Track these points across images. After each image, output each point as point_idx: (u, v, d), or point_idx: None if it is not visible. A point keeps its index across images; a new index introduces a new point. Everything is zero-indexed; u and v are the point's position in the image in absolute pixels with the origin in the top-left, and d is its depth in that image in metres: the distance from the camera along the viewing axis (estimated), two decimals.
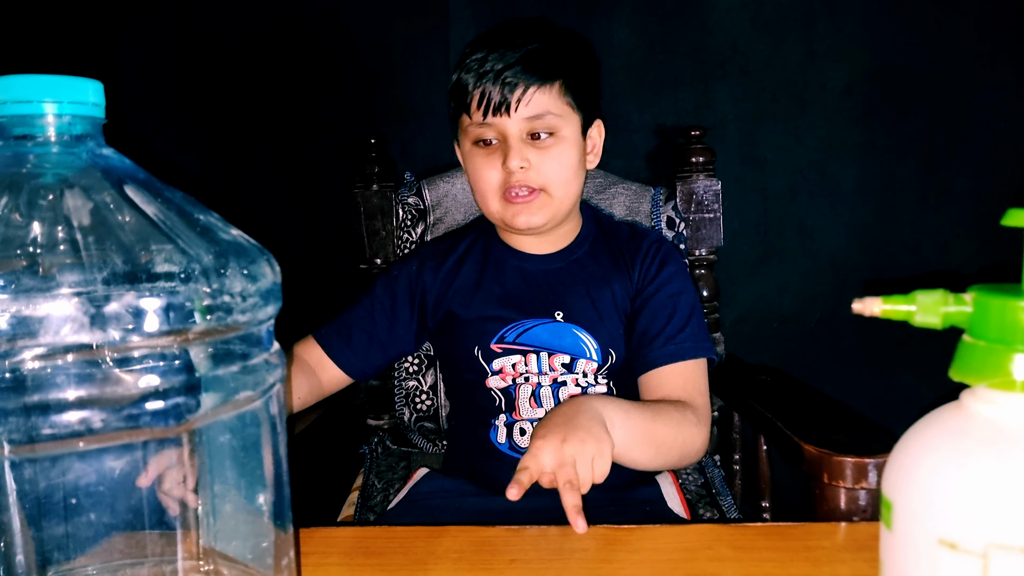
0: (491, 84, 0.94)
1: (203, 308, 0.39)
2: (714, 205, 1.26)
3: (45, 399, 0.35)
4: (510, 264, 1.05)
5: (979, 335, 0.37)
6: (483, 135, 0.97)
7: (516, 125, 0.95)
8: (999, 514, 0.34)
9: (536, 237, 1.04)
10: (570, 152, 0.98)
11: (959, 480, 0.35)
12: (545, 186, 0.96)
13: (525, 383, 0.99)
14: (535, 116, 0.95)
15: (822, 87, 1.51)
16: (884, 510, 0.39)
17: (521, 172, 0.95)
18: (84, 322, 0.35)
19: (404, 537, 0.68)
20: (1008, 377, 0.36)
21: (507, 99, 0.93)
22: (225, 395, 0.41)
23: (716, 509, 1.04)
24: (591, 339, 1.00)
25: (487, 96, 0.94)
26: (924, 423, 0.40)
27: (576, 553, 0.65)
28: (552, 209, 0.98)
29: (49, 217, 0.37)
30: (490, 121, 0.95)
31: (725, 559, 0.62)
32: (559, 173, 0.97)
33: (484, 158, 0.98)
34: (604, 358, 1.00)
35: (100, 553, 0.41)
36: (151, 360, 0.38)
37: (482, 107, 0.95)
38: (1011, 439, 0.36)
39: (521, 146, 0.95)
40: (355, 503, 1.11)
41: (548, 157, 0.96)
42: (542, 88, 0.94)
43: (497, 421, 1.00)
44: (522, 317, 1.01)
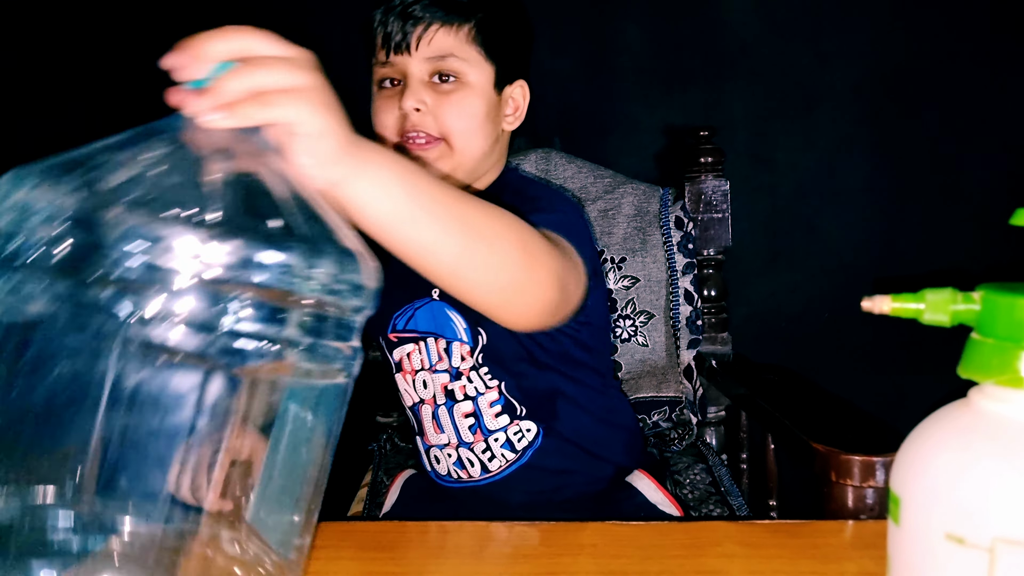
0: (395, 19, 0.88)
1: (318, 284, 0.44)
2: (723, 205, 1.27)
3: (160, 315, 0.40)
4: None
5: (987, 333, 0.38)
6: (385, 75, 0.91)
7: (417, 65, 0.89)
8: (1006, 509, 0.35)
9: None
10: (475, 101, 0.90)
11: (966, 476, 0.36)
12: (445, 134, 0.89)
13: (424, 404, 0.95)
14: (438, 56, 0.88)
15: (831, 87, 1.51)
16: (892, 506, 0.40)
17: (417, 115, 0.88)
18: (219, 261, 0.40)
19: (417, 531, 0.68)
20: (1016, 374, 0.36)
21: (408, 35, 0.88)
22: (312, 360, 0.45)
23: (726, 507, 1.05)
24: (459, 317, 0.92)
25: (390, 32, 0.89)
26: (933, 420, 0.40)
27: (586, 548, 0.66)
28: (451, 162, 0.90)
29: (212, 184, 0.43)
30: (392, 60, 0.89)
31: (733, 556, 0.62)
32: (459, 121, 0.89)
33: (384, 100, 0.91)
34: (474, 338, 0.92)
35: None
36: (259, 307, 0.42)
37: (385, 45, 0.89)
38: (1018, 435, 0.36)
39: (419, 87, 0.88)
40: (364, 499, 1.12)
41: (448, 102, 0.89)
42: (448, 28, 0.88)
43: (419, 444, 0.98)
44: (407, 299, 0.94)
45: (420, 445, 0.98)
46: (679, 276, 1.22)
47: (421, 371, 0.94)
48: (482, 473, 0.94)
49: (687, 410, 1.22)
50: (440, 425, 0.94)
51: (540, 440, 0.94)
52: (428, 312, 0.93)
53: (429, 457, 0.97)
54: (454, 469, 0.95)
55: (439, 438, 0.95)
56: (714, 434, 1.28)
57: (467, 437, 0.93)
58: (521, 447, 0.93)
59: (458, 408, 0.93)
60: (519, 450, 0.93)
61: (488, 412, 0.93)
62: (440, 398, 0.93)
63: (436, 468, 0.97)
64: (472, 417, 0.93)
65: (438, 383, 0.93)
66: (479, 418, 0.93)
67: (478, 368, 0.92)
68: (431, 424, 0.95)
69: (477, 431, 0.93)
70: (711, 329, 1.29)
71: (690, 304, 1.22)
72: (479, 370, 0.92)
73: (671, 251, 1.22)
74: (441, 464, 0.96)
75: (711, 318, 1.29)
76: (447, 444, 0.94)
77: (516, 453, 0.93)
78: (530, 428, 0.93)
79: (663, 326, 1.22)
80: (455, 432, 0.93)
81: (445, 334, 0.93)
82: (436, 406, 0.94)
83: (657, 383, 1.19)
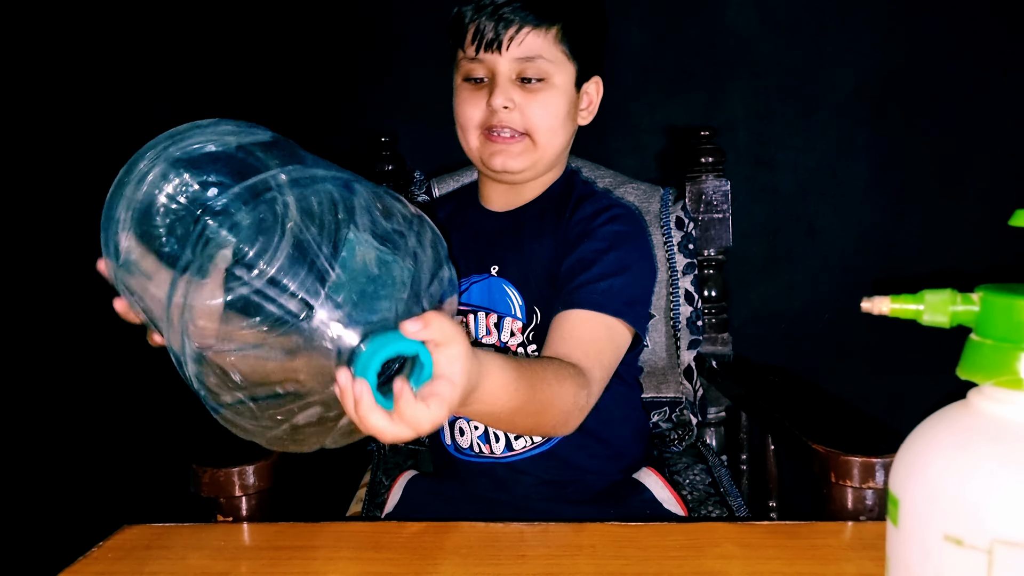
0: (486, 19, 0.91)
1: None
2: (723, 205, 1.26)
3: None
4: (472, 219, 1.04)
5: (986, 334, 0.38)
6: (473, 71, 0.94)
7: (506, 64, 0.92)
8: (1005, 511, 0.35)
9: (506, 190, 1.01)
10: (558, 101, 0.95)
11: (965, 477, 0.36)
12: (529, 130, 0.93)
13: None
14: (526, 58, 0.92)
15: (832, 88, 1.50)
16: (891, 506, 0.39)
17: (505, 112, 0.92)
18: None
19: (414, 532, 0.68)
20: (1015, 375, 0.36)
21: (500, 36, 0.91)
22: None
23: (725, 508, 1.04)
24: (517, 295, 0.96)
25: (481, 31, 0.91)
26: (931, 421, 0.40)
27: (584, 549, 0.66)
28: (533, 156, 0.95)
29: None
30: (481, 57, 0.92)
31: (732, 556, 0.62)
32: (544, 119, 0.94)
33: (470, 93, 0.95)
34: (528, 316, 0.96)
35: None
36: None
37: (475, 42, 0.92)
38: (1017, 437, 0.36)
39: (508, 85, 0.92)
40: (363, 500, 1.12)
41: (534, 101, 0.93)
42: (538, 30, 0.91)
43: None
44: (463, 274, 0.99)
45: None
46: (679, 276, 1.22)
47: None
48: (505, 450, 0.95)
49: (687, 411, 1.22)
50: None
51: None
52: (485, 287, 0.98)
53: (453, 429, 0.97)
54: (478, 442, 0.96)
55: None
56: (714, 435, 1.28)
57: None
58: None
59: None
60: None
61: None
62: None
63: (458, 441, 0.97)
64: None
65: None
66: None
67: (526, 345, 0.96)
68: None
69: None
70: (711, 330, 1.28)
71: (690, 304, 1.22)
72: (527, 347, 0.96)
73: (671, 251, 1.22)
74: (465, 437, 0.96)
75: (711, 319, 1.28)
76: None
77: (542, 438, 0.95)
78: None
79: (663, 326, 1.21)
80: None
81: (499, 309, 0.97)
82: None
83: (657, 383, 1.19)
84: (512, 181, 0.99)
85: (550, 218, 1.00)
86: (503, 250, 0.99)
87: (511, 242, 0.99)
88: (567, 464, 0.96)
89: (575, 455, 0.96)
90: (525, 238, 0.99)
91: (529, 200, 1.02)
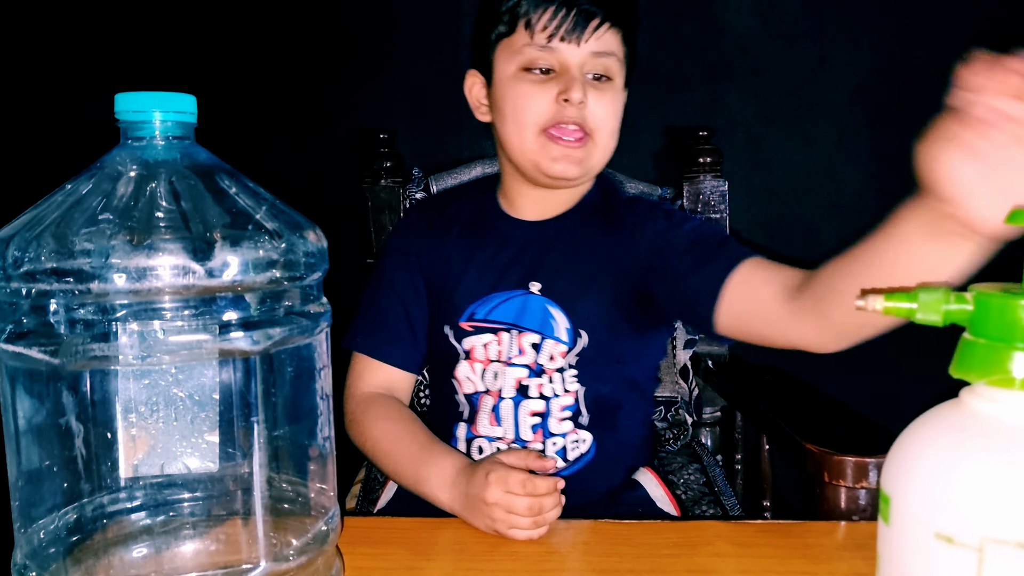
0: (564, 7, 0.85)
1: (274, 263, 0.52)
2: (721, 206, 1.26)
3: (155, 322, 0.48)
4: (498, 229, 0.96)
5: (980, 333, 0.38)
6: (540, 60, 0.86)
7: (581, 56, 0.86)
8: (995, 509, 0.35)
9: (538, 198, 0.95)
10: (619, 102, 0.91)
11: (956, 475, 0.36)
12: (594, 131, 0.87)
13: (487, 395, 0.91)
14: (602, 52, 0.86)
15: (830, 89, 1.51)
16: (882, 504, 0.40)
17: (579, 108, 0.85)
18: (187, 268, 0.48)
19: (407, 528, 0.68)
20: (1007, 375, 0.37)
21: (580, 27, 0.85)
22: (289, 330, 0.54)
23: (719, 507, 1.04)
24: (563, 316, 0.90)
25: (559, 18, 0.85)
26: (924, 419, 0.40)
27: (577, 546, 0.66)
28: (592, 161, 0.89)
29: (159, 194, 0.51)
30: (554, 46, 0.85)
31: (725, 555, 0.62)
32: (609, 120, 0.89)
33: (536, 85, 0.86)
34: (574, 340, 0.90)
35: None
36: (235, 298, 0.50)
37: (549, 29, 0.85)
38: (1009, 436, 0.36)
39: (583, 80, 0.86)
40: (357, 496, 1.12)
41: (603, 100, 0.87)
42: (613, 28, 0.87)
43: (457, 431, 0.94)
44: (496, 290, 0.92)
45: (461, 433, 0.94)
46: None
47: (495, 362, 0.91)
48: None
49: (682, 410, 1.22)
50: (499, 418, 0.91)
51: (592, 453, 0.92)
52: (519, 305, 0.91)
53: (471, 447, 0.93)
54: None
55: (493, 430, 0.91)
56: (709, 435, 1.28)
57: (526, 435, 0.91)
58: (573, 457, 0.92)
59: (526, 405, 0.90)
60: (570, 460, 0.92)
61: (556, 415, 0.91)
62: (508, 391, 0.90)
63: (475, 459, 0.94)
64: (538, 417, 0.91)
65: (512, 376, 0.90)
66: (545, 419, 0.91)
67: (565, 370, 0.90)
68: (487, 415, 0.91)
69: (539, 431, 0.91)
70: None
71: None
72: (565, 372, 0.90)
73: None
74: (484, 455, 0.91)
75: None
76: (500, 438, 0.91)
77: (567, 462, 0.92)
78: (586, 439, 0.92)
79: None
80: (515, 428, 0.91)
81: (543, 331, 0.90)
82: (500, 399, 0.91)
83: None
84: (562, 187, 0.93)
85: (599, 229, 0.94)
86: (546, 266, 0.92)
87: (557, 257, 0.93)
88: (586, 484, 0.92)
89: (594, 475, 0.93)
90: (575, 253, 0.93)
91: (566, 209, 0.96)
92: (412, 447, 0.84)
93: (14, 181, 1.62)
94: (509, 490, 0.67)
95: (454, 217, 0.99)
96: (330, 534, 0.57)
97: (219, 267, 0.49)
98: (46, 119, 1.60)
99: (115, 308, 0.48)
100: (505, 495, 0.67)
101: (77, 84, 1.58)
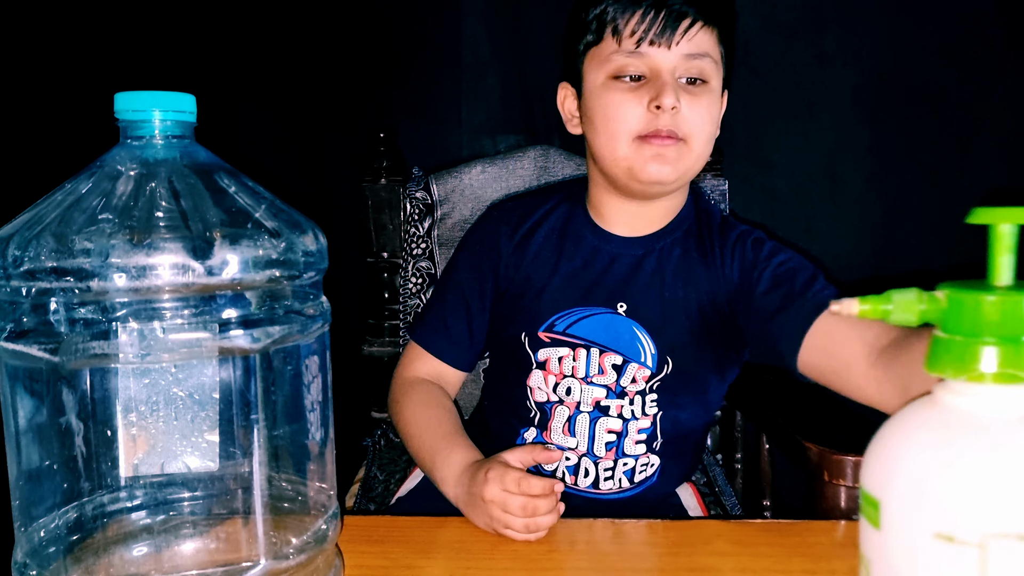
0: (652, 10, 0.81)
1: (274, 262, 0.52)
2: (720, 205, 1.26)
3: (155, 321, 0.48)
4: (587, 241, 0.92)
5: (951, 330, 0.39)
6: (630, 66, 0.83)
7: (673, 60, 0.82)
8: (993, 504, 0.35)
9: (633, 211, 0.91)
10: (716, 106, 0.86)
11: (950, 474, 0.36)
12: (688, 136, 0.83)
13: (561, 405, 0.90)
14: (695, 54, 0.82)
15: (831, 88, 1.50)
16: (868, 507, 0.40)
17: (671, 114, 0.81)
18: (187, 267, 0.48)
19: (406, 526, 0.68)
20: (979, 370, 0.37)
21: (671, 30, 0.81)
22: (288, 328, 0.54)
23: (719, 507, 1.05)
24: (649, 341, 0.88)
25: (646, 22, 0.81)
26: (900, 418, 0.40)
27: (578, 545, 0.66)
28: (686, 165, 0.84)
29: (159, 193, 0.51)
30: (643, 51, 0.82)
31: (724, 554, 0.62)
32: (706, 125, 0.84)
33: (626, 93, 0.83)
34: (659, 365, 0.88)
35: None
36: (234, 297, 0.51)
37: (637, 33, 0.82)
38: (991, 430, 0.37)
39: (676, 85, 0.82)
40: (356, 494, 1.12)
41: (698, 104, 0.83)
42: (707, 27, 0.83)
43: (526, 434, 0.93)
44: (580, 304, 0.89)
45: (530, 436, 0.93)
46: None
47: (569, 377, 0.89)
48: (590, 487, 0.91)
49: None
50: (573, 430, 0.90)
51: (655, 478, 0.92)
52: (602, 324, 0.89)
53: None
54: (565, 472, 0.91)
55: (566, 441, 0.90)
56: (709, 434, 1.28)
57: (599, 451, 0.90)
58: (639, 480, 0.91)
59: (604, 422, 0.89)
60: (635, 482, 0.91)
61: (633, 436, 0.90)
62: (586, 406, 0.89)
63: (543, 466, 0.91)
64: (615, 435, 0.89)
65: (589, 395, 0.89)
66: (621, 438, 0.90)
67: (645, 394, 0.89)
68: (562, 425, 0.90)
69: (612, 449, 0.90)
70: None
71: None
72: (646, 396, 0.89)
73: None
74: (552, 463, 0.91)
75: None
76: (573, 448, 0.90)
77: (632, 484, 0.91)
78: (654, 464, 0.92)
79: None
80: (589, 442, 0.90)
81: (624, 351, 0.88)
82: (576, 412, 0.90)
83: None
84: (657, 194, 0.89)
85: (691, 254, 0.91)
86: (636, 287, 0.89)
87: (646, 279, 0.90)
88: (643, 502, 0.92)
89: (652, 497, 0.92)
90: (667, 278, 0.90)
91: (660, 226, 0.92)
92: (435, 435, 0.84)
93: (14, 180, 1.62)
94: (506, 488, 0.67)
95: (540, 222, 0.96)
96: (330, 533, 0.57)
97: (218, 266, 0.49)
98: (46, 118, 1.60)
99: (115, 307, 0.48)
100: (501, 493, 0.67)
101: (77, 83, 1.58)
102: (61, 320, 0.48)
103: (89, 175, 0.52)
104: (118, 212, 0.49)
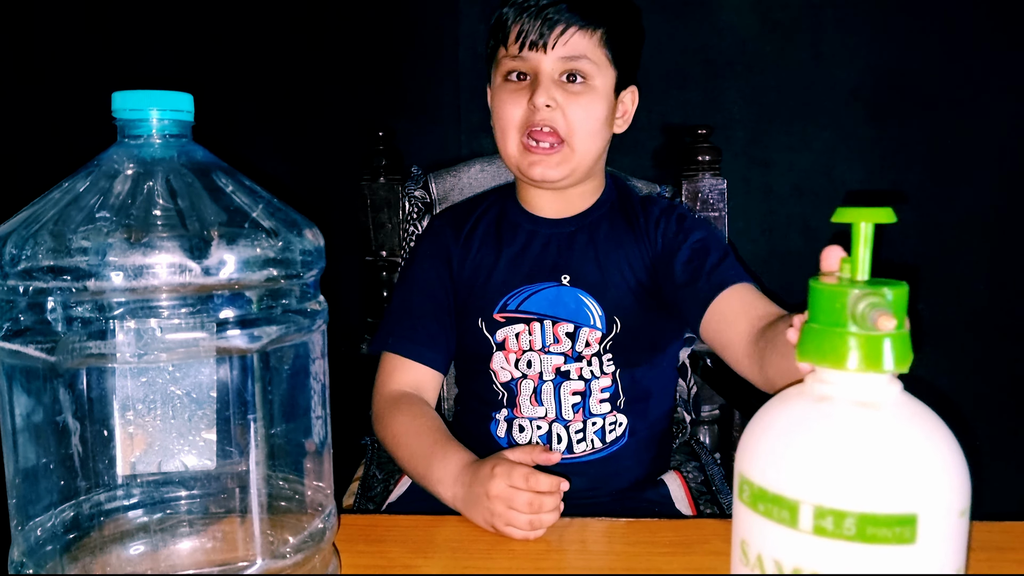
0: (532, 19, 0.91)
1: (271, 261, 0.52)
2: (719, 204, 1.26)
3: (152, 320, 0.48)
4: (522, 228, 1.02)
5: (814, 320, 0.41)
6: (515, 68, 0.94)
7: (550, 63, 0.92)
8: (870, 485, 0.38)
9: (553, 197, 1.00)
10: (599, 104, 0.94)
11: (814, 459, 0.39)
12: (568, 134, 0.92)
13: (525, 379, 0.97)
14: (571, 57, 0.92)
15: (829, 88, 1.51)
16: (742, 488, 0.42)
17: (547, 111, 0.91)
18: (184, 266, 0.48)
19: (404, 526, 0.68)
20: (838, 358, 0.39)
21: (545, 35, 0.91)
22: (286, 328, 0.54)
23: (716, 506, 1.05)
24: (595, 304, 0.96)
25: (525, 30, 0.92)
26: (771, 406, 0.43)
27: (575, 544, 0.66)
28: (572, 164, 0.94)
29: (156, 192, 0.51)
30: (525, 55, 0.92)
31: (721, 553, 0.62)
32: (585, 122, 0.93)
33: (511, 93, 0.94)
34: (608, 326, 0.96)
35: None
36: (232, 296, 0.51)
37: (519, 40, 0.92)
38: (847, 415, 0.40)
39: (551, 84, 0.92)
40: (355, 493, 1.12)
41: (576, 102, 0.92)
42: (583, 31, 0.92)
43: (498, 415, 0.99)
44: (527, 283, 0.98)
45: (501, 417, 0.98)
46: None
47: (528, 351, 0.97)
48: (565, 452, 0.96)
49: (681, 408, 1.22)
50: (540, 399, 0.97)
51: (626, 438, 0.98)
52: (550, 297, 0.97)
53: (512, 427, 0.98)
54: (539, 441, 0.97)
55: (535, 411, 0.97)
56: (707, 433, 1.28)
57: (567, 415, 0.96)
58: (610, 439, 0.97)
59: (567, 386, 0.96)
60: (607, 442, 0.97)
61: (596, 396, 0.96)
62: (548, 375, 0.96)
63: (516, 439, 0.97)
64: (579, 396, 0.96)
65: (549, 364, 0.96)
66: (585, 399, 0.96)
67: (602, 355, 0.96)
68: (529, 397, 0.97)
69: (579, 411, 0.96)
70: None
71: None
72: (602, 356, 0.96)
73: None
74: (524, 434, 0.97)
75: None
76: (543, 417, 0.96)
77: (604, 444, 0.97)
78: (622, 423, 0.97)
79: None
80: (556, 407, 0.96)
81: (574, 319, 0.96)
82: (541, 381, 0.96)
83: None
84: (552, 188, 0.98)
85: (620, 225, 1.00)
86: (575, 258, 0.98)
87: (582, 250, 0.99)
88: (617, 465, 0.97)
89: (627, 460, 0.98)
90: (601, 246, 0.99)
91: (586, 207, 1.01)
92: (428, 440, 0.86)
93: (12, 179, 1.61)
94: (512, 484, 0.68)
95: (478, 220, 1.05)
96: (327, 532, 0.57)
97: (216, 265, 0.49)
98: (43, 117, 1.60)
99: (112, 306, 0.48)
100: (507, 488, 0.68)
101: (74, 82, 1.57)
102: (58, 319, 0.48)
103: (87, 174, 0.52)
104: (115, 211, 0.49)
